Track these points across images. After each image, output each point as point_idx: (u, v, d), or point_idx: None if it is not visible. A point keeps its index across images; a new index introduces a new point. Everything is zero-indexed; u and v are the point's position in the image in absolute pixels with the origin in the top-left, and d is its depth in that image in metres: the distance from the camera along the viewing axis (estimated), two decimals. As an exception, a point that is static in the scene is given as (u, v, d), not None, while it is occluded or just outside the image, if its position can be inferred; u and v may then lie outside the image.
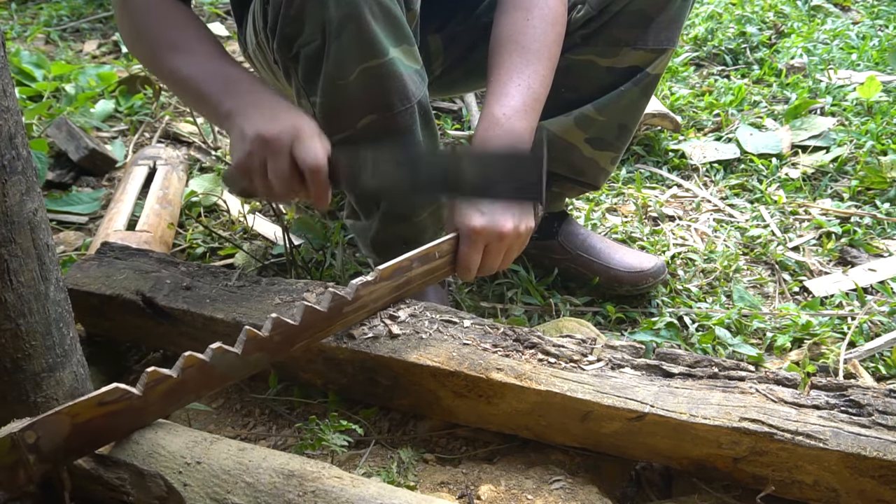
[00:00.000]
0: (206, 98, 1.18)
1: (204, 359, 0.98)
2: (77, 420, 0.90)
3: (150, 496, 0.96)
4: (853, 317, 1.51)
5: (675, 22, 1.39)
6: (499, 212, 1.15)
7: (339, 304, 1.09)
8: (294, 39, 1.18)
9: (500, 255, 1.19)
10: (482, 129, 1.21)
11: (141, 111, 2.41)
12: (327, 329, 1.11)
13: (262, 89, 1.16)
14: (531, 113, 1.23)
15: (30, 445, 0.87)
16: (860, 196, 1.93)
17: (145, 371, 0.95)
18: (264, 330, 1.03)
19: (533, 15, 1.25)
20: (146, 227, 1.70)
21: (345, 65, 1.16)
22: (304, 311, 1.06)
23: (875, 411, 1.00)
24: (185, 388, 0.99)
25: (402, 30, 1.17)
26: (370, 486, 0.94)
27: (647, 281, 1.56)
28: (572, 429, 1.09)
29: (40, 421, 0.88)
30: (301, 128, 1.10)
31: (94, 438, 0.94)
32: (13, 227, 0.88)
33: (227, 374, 1.02)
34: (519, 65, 1.23)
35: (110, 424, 0.94)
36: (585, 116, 1.45)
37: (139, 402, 0.95)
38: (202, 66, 1.19)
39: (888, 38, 2.76)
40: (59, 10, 3.25)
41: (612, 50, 1.40)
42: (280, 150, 1.09)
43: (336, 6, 1.11)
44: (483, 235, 1.15)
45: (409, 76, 1.20)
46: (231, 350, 1.00)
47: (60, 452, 0.91)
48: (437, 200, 1.32)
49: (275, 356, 1.06)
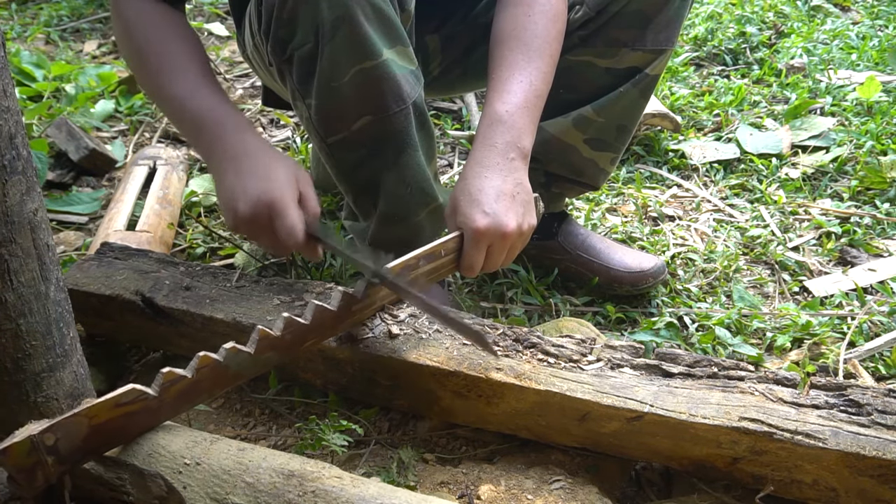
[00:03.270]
0: (184, 131, 1.21)
1: (218, 359, 0.99)
2: (94, 421, 0.91)
3: (150, 496, 0.96)
4: (853, 317, 1.51)
5: (674, 22, 1.38)
6: (502, 211, 1.15)
7: (348, 302, 1.09)
8: (287, 42, 1.18)
9: (503, 254, 1.19)
10: (485, 126, 1.21)
11: (141, 111, 2.41)
12: (336, 327, 1.11)
13: (234, 136, 1.15)
14: (533, 110, 1.23)
15: (49, 447, 0.88)
16: (860, 196, 1.93)
17: (160, 372, 0.95)
18: (276, 329, 1.03)
19: (534, 11, 1.25)
20: (146, 227, 1.70)
21: (338, 67, 1.15)
22: (315, 309, 1.06)
23: (874, 411, 1.00)
24: (199, 387, 1.00)
25: (396, 31, 1.17)
26: (370, 486, 0.94)
27: (647, 281, 1.56)
28: (572, 429, 1.09)
29: (59, 423, 0.88)
30: (272, 203, 1.09)
31: (110, 438, 0.95)
32: (13, 227, 0.88)
33: (240, 374, 1.03)
34: (521, 61, 1.23)
35: (125, 425, 0.95)
36: (584, 118, 1.45)
37: (154, 402, 0.95)
38: (185, 93, 1.17)
39: (888, 38, 2.76)
40: (59, 10, 3.26)
41: (611, 51, 1.40)
42: (261, 230, 1.11)
43: (328, 8, 1.11)
44: (487, 235, 1.15)
45: (403, 77, 1.19)
46: (244, 350, 1.01)
47: (78, 453, 0.91)
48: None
49: (284, 355, 1.06)
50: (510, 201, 1.16)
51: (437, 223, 1.40)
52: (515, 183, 1.18)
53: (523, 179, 1.20)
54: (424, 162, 1.29)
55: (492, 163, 1.18)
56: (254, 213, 1.10)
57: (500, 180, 1.17)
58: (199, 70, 1.20)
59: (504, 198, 1.16)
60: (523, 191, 1.19)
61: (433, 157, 1.34)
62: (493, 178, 1.17)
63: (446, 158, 2.19)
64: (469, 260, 1.17)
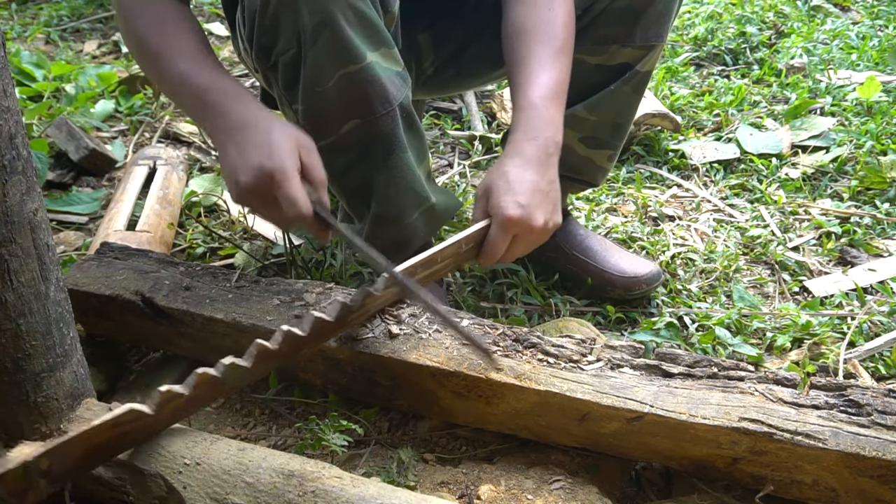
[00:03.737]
0: (188, 110, 1.19)
1: (216, 375, 0.98)
2: (90, 443, 0.90)
3: (150, 496, 0.96)
4: (853, 317, 1.51)
5: (664, 18, 1.38)
6: (535, 205, 1.16)
7: (345, 313, 1.09)
8: (271, 48, 1.18)
9: (525, 247, 1.20)
10: (525, 118, 1.20)
11: (141, 111, 2.41)
12: (331, 335, 1.12)
13: (234, 107, 1.13)
14: (563, 106, 1.24)
15: (42, 471, 0.87)
16: (860, 196, 1.93)
17: (158, 390, 0.94)
18: (273, 342, 1.02)
19: (555, 4, 1.26)
20: (146, 227, 1.70)
21: (322, 72, 1.15)
22: (314, 321, 1.05)
23: (874, 411, 1.00)
24: (195, 401, 1.00)
25: (380, 33, 1.17)
26: (370, 486, 0.94)
27: (640, 287, 1.56)
28: (572, 429, 1.09)
29: (55, 449, 0.87)
30: (274, 173, 1.06)
31: (102, 455, 0.95)
32: (13, 227, 0.89)
33: (235, 386, 1.03)
34: (547, 54, 1.23)
35: (121, 441, 0.94)
36: (576, 116, 1.45)
37: (151, 419, 0.95)
38: (185, 72, 1.16)
39: (888, 38, 2.76)
40: (59, 10, 3.25)
41: (601, 48, 1.39)
42: (263, 201, 1.09)
43: (309, 14, 1.11)
44: (517, 226, 1.15)
45: (388, 79, 1.19)
46: (242, 365, 1.00)
47: (71, 473, 0.91)
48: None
49: (279, 364, 1.07)
50: (543, 197, 1.17)
51: (430, 224, 1.39)
52: (550, 181, 1.19)
53: (556, 177, 1.21)
54: (414, 163, 1.29)
55: (533, 156, 1.18)
56: (255, 183, 1.07)
57: (538, 175, 1.18)
58: (198, 49, 1.19)
59: (539, 193, 1.17)
60: (555, 189, 1.20)
61: (424, 157, 1.34)
62: (531, 172, 1.17)
63: (446, 158, 2.18)
64: (492, 247, 1.18)
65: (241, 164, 1.09)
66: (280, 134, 1.09)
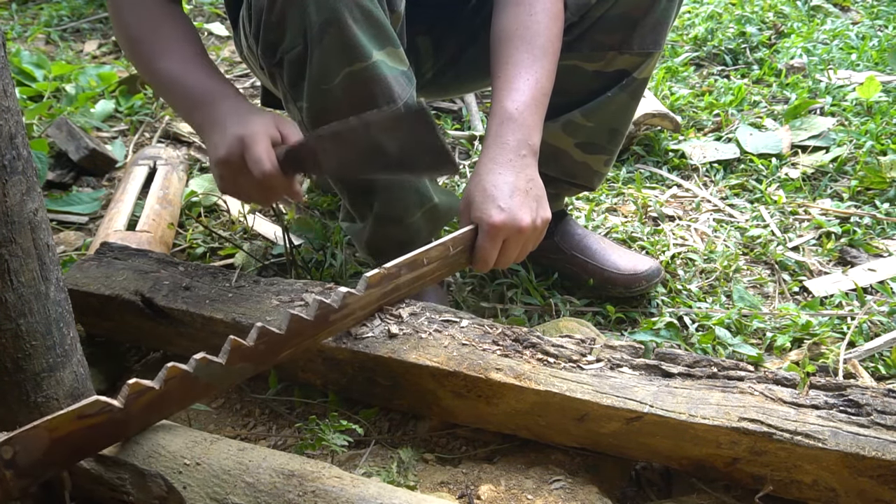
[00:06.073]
0: (180, 109, 1.25)
1: (187, 369, 0.97)
2: (56, 434, 0.88)
3: (150, 496, 0.96)
4: (853, 317, 1.51)
5: (661, 25, 1.38)
6: (517, 206, 1.16)
7: (325, 311, 1.09)
8: (277, 45, 1.18)
9: (517, 249, 1.20)
10: (496, 124, 1.21)
11: (141, 111, 2.42)
12: (314, 337, 1.10)
13: (224, 102, 1.17)
14: (540, 107, 1.24)
15: (6, 461, 0.85)
16: (860, 196, 1.93)
17: (126, 383, 0.93)
18: (249, 339, 1.01)
19: (535, 10, 1.26)
20: (146, 227, 1.70)
21: (328, 70, 1.16)
22: (290, 319, 1.04)
23: (874, 411, 1.00)
24: (169, 398, 0.97)
25: (386, 32, 1.17)
26: (370, 486, 0.94)
27: (640, 284, 1.56)
28: (571, 429, 1.09)
29: (17, 436, 0.86)
30: (244, 137, 1.11)
31: (74, 451, 0.92)
32: (13, 227, 0.89)
33: (211, 384, 1.01)
34: (526, 60, 1.23)
35: (90, 437, 0.92)
36: (572, 122, 1.45)
37: (121, 414, 0.93)
38: (177, 73, 1.21)
39: (888, 38, 2.76)
40: (59, 10, 3.26)
41: (598, 55, 1.39)
42: (236, 168, 1.12)
43: (316, 11, 1.11)
44: (503, 230, 1.16)
45: (394, 78, 1.20)
46: (215, 360, 0.99)
47: (39, 467, 0.89)
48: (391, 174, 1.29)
49: (259, 366, 1.04)
50: (524, 196, 1.17)
51: (433, 224, 1.40)
52: (528, 179, 1.19)
53: (535, 175, 1.21)
54: None
55: (504, 160, 1.19)
56: (228, 152, 1.12)
57: (513, 176, 1.18)
58: (191, 49, 1.22)
59: (518, 193, 1.17)
60: (536, 186, 1.20)
61: None
62: (506, 175, 1.18)
63: (446, 158, 2.18)
64: (483, 254, 1.18)
65: (220, 142, 1.13)
66: (260, 113, 1.15)
